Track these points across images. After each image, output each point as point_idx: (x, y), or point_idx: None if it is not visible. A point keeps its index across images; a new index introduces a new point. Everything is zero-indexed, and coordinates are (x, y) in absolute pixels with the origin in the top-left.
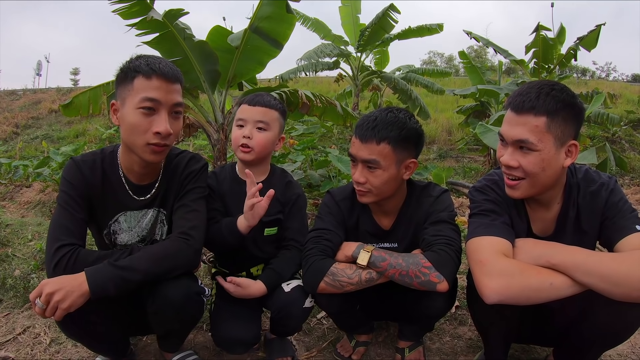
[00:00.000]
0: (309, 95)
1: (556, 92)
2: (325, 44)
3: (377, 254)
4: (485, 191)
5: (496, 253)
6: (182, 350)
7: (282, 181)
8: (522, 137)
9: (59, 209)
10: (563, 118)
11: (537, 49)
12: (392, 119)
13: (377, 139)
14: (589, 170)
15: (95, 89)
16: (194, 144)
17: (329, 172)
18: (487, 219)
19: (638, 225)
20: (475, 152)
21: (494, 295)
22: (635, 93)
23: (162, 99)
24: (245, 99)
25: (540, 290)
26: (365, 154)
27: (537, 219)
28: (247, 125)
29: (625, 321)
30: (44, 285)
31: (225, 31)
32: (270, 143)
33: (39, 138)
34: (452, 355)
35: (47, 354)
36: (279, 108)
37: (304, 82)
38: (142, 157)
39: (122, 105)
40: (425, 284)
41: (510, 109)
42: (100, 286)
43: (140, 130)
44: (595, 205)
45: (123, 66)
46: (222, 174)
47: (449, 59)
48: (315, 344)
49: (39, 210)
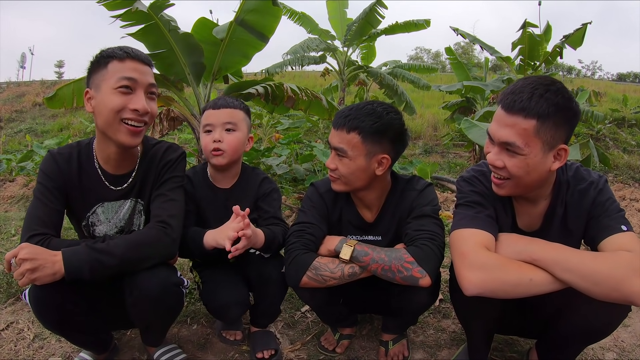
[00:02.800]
0: (294, 89)
1: (550, 95)
2: (311, 38)
3: (359, 249)
4: (473, 182)
5: (478, 246)
6: (165, 344)
7: (257, 179)
8: (509, 139)
9: (35, 200)
10: (555, 122)
11: (524, 46)
12: (368, 111)
13: (347, 128)
14: (580, 168)
15: (79, 81)
16: (180, 138)
17: (313, 166)
18: (472, 211)
19: (623, 225)
20: (460, 147)
21: (473, 288)
22: (620, 92)
23: (138, 78)
24: (208, 104)
25: (520, 285)
26: (335, 141)
27: (523, 214)
28: (215, 129)
29: (605, 320)
30: (22, 248)
31: (210, 23)
32: (241, 143)
33: (22, 132)
34: (435, 348)
35: (30, 350)
36: (243, 107)
37: (291, 77)
38: (118, 140)
39: (96, 91)
40: (408, 279)
41: (501, 106)
42: (75, 266)
43: (117, 108)
44: (582, 203)
45: (95, 56)
46: (196, 178)
47: (435, 55)
48: (299, 337)
49: (22, 205)
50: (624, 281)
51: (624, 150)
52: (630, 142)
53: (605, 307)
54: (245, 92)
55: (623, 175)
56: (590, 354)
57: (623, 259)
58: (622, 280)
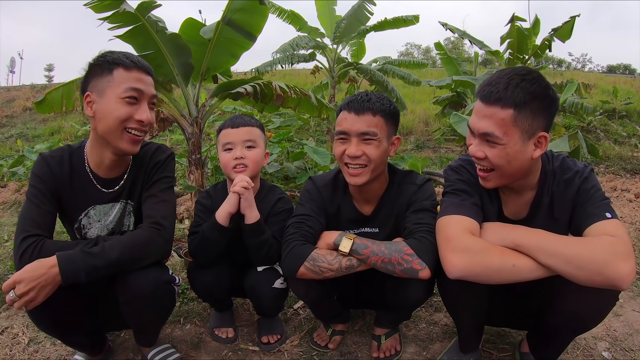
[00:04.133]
0: (283, 87)
1: (526, 84)
2: (301, 36)
3: (359, 242)
4: (459, 171)
5: (463, 230)
6: (159, 344)
7: (274, 197)
8: (487, 130)
9: (27, 202)
10: (532, 111)
11: (512, 40)
12: (380, 95)
13: (372, 111)
14: (566, 159)
15: (68, 84)
16: (171, 139)
17: (305, 164)
18: (458, 199)
19: (608, 212)
20: (452, 142)
21: (456, 271)
22: (610, 84)
23: (144, 89)
24: (226, 123)
25: (502, 270)
26: (363, 126)
27: (510, 203)
28: (236, 147)
29: (594, 308)
30: (19, 280)
31: (197, 23)
32: (261, 158)
33: (13, 137)
34: (427, 341)
35: (25, 354)
36: (259, 125)
37: (281, 75)
38: (119, 147)
39: (99, 97)
40: (408, 272)
41: (479, 98)
42: (72, 273)
43: (122, 117)
44: (568, 192)
45: (96, 60)
46: (216, 194)
47: (426, 51)
48: (292, 333)
49: (14, 210)
50: (608, 264)
51: (615, 141)
52: (621, 133)
53: (594, 296)
54: (234, 92)
55: (614, 167)
56: (583, 344)
57: (606, 242)
58: (605, 264)
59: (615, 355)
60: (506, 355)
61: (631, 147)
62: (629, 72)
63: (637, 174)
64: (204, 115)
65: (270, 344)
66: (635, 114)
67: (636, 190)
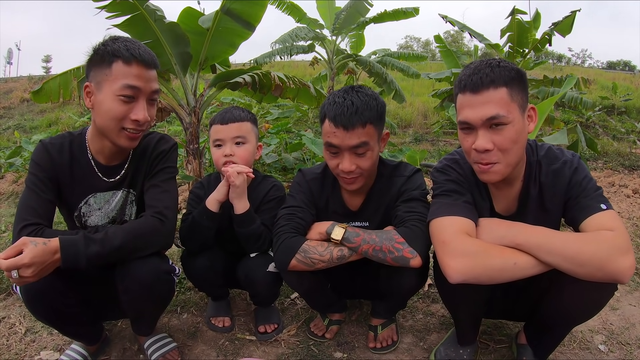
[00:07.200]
0: (281, 77)
1: (504, 63)
2: (300, 27)
3: (351, 230)
4: (447, 171)
5: (459, 233)
6: (156, 334)
7: (267, 184)
8: (492, 113)
9: (27, 190)
10: (518, 85)
11: (512, 33)
12: (365, 97)
13: (362, 123)
14: (552, 148)
15: (65, 74)
16: (169, 130)
17: (303, 155)
18: (450, 199)
19: (602, 203)
20: (450, 135)
21: (457, 276)
22: (609, 79)
23: (142, 86)
24: (216, 118)
25: (504, 270)
26: (354, 140)
27: (500, 198)
28: (225, 144)
29: (591, 300)
30: (23, 258)
31: (196, 13)
32: (251, 154)
33: (11, 128)
34: (424, 332)
35: (22, 344)
36: (250, 118)
37: (280, 66)
38: (116, 143)
39: (97, 89)
40: (399, 260)
41: (467, 91)
42: (73, 257)
43: (118, 117)
44: (558, 183)
45: (98, 48)
46: (209, 184)
47: (425, 44)
48: (288, 323)
49: (12, 202)
50: (609, 261)
51: (614, 137)
52: (619, 129)
53: (591, 288)
54: (232, 82)
55: (613, 162)
56: (580, 337)
57: (606, 238)
58: (606, 260)
59: (612, 348)
60: (503, 346)
61: (629, 143)
62: (629, 68)
63: (635, 170)
64: (202, 105)
65: (267, 334)
66: (634, 111)
67: (634, 186)
